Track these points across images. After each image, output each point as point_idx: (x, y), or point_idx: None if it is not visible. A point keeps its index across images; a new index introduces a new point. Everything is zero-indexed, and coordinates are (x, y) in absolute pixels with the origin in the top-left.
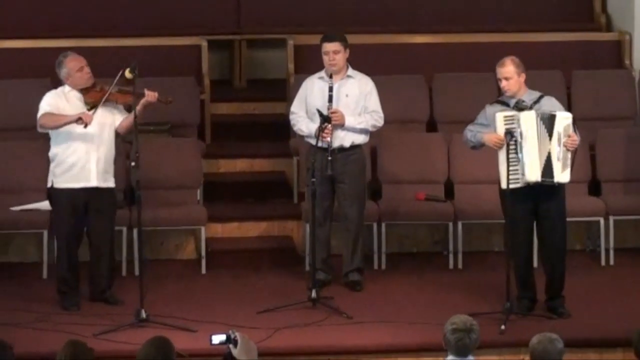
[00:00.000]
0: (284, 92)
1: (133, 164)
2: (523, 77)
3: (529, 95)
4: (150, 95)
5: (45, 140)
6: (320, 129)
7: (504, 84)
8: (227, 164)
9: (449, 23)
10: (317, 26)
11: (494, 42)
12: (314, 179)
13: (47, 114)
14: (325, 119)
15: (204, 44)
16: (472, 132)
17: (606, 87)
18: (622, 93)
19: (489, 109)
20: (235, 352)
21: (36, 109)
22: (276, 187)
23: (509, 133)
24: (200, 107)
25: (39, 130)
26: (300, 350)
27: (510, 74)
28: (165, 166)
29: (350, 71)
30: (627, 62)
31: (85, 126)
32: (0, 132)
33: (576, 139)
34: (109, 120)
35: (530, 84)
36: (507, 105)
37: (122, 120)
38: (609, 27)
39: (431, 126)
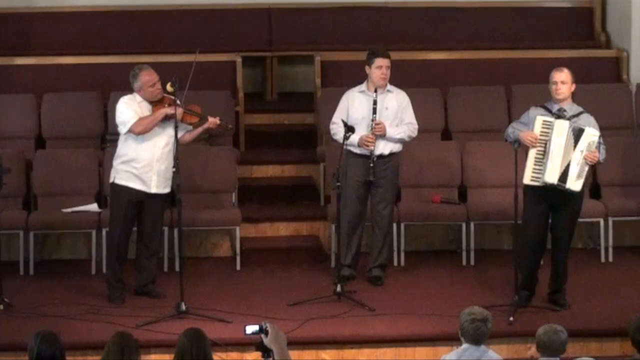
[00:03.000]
0: (311, 104)
1: (174, 169)
2: (574, 87)
3: (570, 107)
4: (211, 122)
5: (94, 148)
6: (345, 137)
7: (559, 86)
8: (260, 169)
9: (463, 41)
10: (342, 44)
11: (504, 59)
12: (339, 183)
13: (139, 120)
14: (349, 129)
15: (239, 60)
16: (512, 129)
17: (605, 100)
18: (620, 105)
19: (533, 111)
20: (266, 341)
21: (86, 120)
22: (304, 191)
23: (517, 141)
24: (235, 118)
25: (127, 134)
26: (326, 339)
27: (567, 79)
28: (203, 172)
29: (389, 86)
30: (624, 76)
31: (171, 117)
32: (54, 141)
33: (597, 156)
34: (173, 133)
35: (537, 96)
36: (550, 111)
37: (182, 134)
38: (608, 45)
39: (446, 135)
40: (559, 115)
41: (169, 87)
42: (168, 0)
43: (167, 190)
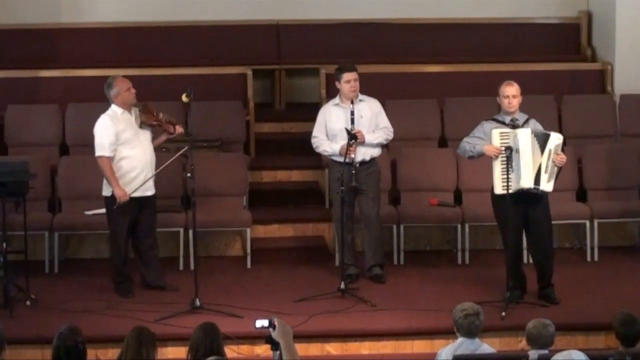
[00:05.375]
0: (317, 113)
1: (189, 175)
2: (521, 98)
3: (519, 116)
4: (178, 131)
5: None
6: (348, 145)
7: (511, 100)
8: (269, 174)
9: (459, 55)
10: (346, 57)
11: (496, 71)
12: (342, 188)
13: (106, 163)
14: (352, 137)
15: (249, 72)
16: (470, 144)
17: (591, 110)
18: (605, 115)
19: (486, 124)
20: (274, 334)
21: None
22: (310, 195)
23: (509, 148)
24: (246, 126)
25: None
26: (331, 333)
27: (517, 92)
28: (216, 177)
29: (360, 96)
30: (609, 88)
31: (118, 205)
32: (77, 148)
33: (564, 158)
34: (151, 138)
35: (526, 106)
36: (502, 122)
37: (154, 141)
38: (594, 58)
39: (442, 142)
40: (514, 125)
41: (184, 98)
42: (183, 17)
43: (154, 190)
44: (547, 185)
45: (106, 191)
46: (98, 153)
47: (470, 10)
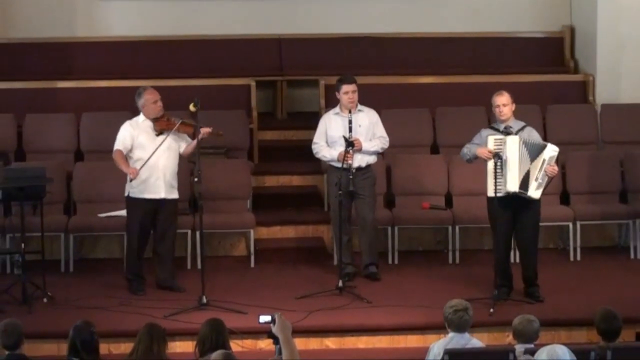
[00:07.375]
0: (317, 122)
1: (196, 179)
2: (514, 107)
3: (515, 124)
4: (204, 132)
5: None
6: (346, 152)
7: (501, 109)
8: (271, 179)
9: (450, 67)
10: (343, 69)
11: (485, 82)
12: (340, 192)
13: (118, 153)
14: (349, 144)
15: (253, 83)
16: (467, 148)
17: (574, 118)
18: (587, 123)
19: (484, 132)
20: (274, 329)
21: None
22: (310, 198)
23: (497, 155)
24: (250, 134)
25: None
26: (329, 328)
27: (507, 101)
28: (222, 181)
29: (359, 106)
30: (590, 98)
31: (131, 180)
32: (91, 154)
33: (556, 169)
34: (175, 145)
35: (514, 115)
36: (498, 130)
37: (185, 147)
38: (576, 70)
39: (434, 149)
40: (507, 132)
41: (191, 107)
42: (191, 31)
43: (174, 195)
44: (534, 192)
45: (126, 191)
46: (114, 148)
47: (461, 25)
